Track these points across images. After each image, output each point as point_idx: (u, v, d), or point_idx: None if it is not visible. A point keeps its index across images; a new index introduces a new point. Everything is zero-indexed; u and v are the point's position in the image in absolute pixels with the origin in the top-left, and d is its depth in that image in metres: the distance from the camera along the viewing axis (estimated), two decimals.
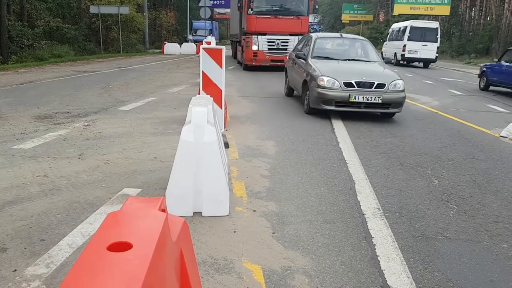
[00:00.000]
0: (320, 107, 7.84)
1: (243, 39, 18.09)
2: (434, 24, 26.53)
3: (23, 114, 7.58)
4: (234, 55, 24.61)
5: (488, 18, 40.77)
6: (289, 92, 10.88)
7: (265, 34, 17.20)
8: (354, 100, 7.57)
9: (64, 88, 11.19)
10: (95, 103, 9.06)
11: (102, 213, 3.53)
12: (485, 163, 5.61)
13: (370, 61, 9.08)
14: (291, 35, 17.25)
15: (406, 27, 26.16)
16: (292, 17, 17.27)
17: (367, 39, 10.24)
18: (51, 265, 2.75)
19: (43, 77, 13.62)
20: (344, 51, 9.59)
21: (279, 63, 16.78)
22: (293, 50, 11.02)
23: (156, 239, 1.28)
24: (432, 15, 43.29)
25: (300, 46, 10.41)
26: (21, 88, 11.19)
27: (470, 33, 42.37)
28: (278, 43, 17.25)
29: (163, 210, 1.58)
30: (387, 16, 58.66)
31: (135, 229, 1.36)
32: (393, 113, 8.35)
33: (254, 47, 17.15)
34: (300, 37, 16.48)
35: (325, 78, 7.76)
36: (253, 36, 17.13)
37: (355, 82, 7.70)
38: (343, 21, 64.43)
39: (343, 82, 7.69)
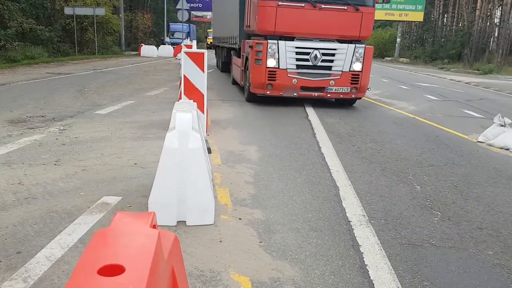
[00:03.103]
0: None
1: (249, 47, 10.01)
2: None
3: None
4: (224, 68, 17.32)
5: (460, 24, 41.82)
6: None
7: (292, 39, 9.38)
8: None
9: (38, 91, 10.87)
10: (71, 106, 8.82)
11: (81, 223, 3.40)
12: (464, 168, 5.67)
13: None
14: (341, 41, 9.59)
15: None
16: (345, 7, 9.34)
17: None
18: (29, 280, 2.61)
19: (16, 79, 13.23)
20: None
21: (316, 94, 9.67)
22: None
23: (150, 261, 1.20)
24: (406, 21, 44.15)
25: None
26: None
27: (443, 39, 43.36)
28: (316, 56, 9.39)
29: (154, 226, 1.50)
30: None
31: (127, 250, 1.27)
32: None
33: (271, 62, 9.28)
34: (359, 46, 9.58)
35: None
36: (269, 41, 9.24)
37: None
38: None
39: None
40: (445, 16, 46.30)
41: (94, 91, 11.28)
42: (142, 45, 33.49)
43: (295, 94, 9.59)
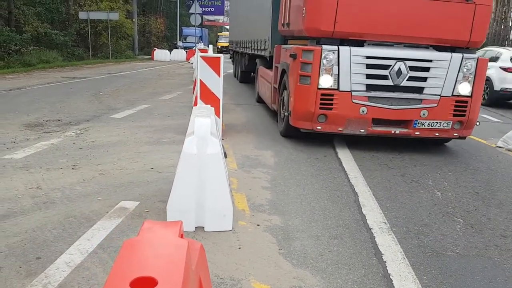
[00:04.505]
0: None
1: (289, 55, 6.44)
2: None
3: (12, 121, 7.37)
4: (244, 79, 14.93)
5: None
6: None
7: (361, 44, 6.02)
8: None
9: (54, 95, 10.97)
10: (87, 110, 8.88)
11: (100, 228, 3.38)
12: (485, 174, 5.56)
13: None
14: (439, 48, 6.15)
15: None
16: None
17: None
18: (49, 286, 2.59)
19: (32, 83, 13.36)
20: None
21: (397, 131, 6.17)
22: None
23: (182, 273, 1.16)
24: None
25: None
26: (10, 94, 10.93)
27: None
28: (399, 71, 5.97)
29: (181, 235, 1.47)
30: None
31: (158, 261, 1.23)
32: None
33: (326, 81, 5.92)
34: (468, 56, 6.09)
35: None
36: (323, 47, 5.85)
37: None
38: None
39: None
40: None
41: (109, 95, 11.34)
42: (155, 49, 33.71)
43: (362, 130, 6.12)
